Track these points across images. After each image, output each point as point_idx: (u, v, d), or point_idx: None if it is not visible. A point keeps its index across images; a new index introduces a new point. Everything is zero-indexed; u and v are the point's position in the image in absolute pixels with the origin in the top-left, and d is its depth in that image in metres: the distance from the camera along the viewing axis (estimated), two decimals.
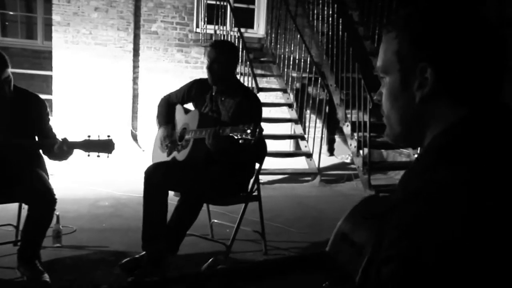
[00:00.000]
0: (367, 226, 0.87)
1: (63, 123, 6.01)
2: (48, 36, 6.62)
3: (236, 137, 2.20)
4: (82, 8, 6.08)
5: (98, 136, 2.36)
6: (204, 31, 6.39)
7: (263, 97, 6.54)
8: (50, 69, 6.16)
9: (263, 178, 5.10)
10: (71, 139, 2.36)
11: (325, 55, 5.99)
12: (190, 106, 2.85)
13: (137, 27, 6.33)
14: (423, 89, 0.69)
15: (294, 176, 5.39)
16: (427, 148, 0.67)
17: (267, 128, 6.07)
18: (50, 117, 2.57)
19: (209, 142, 2.36)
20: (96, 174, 5.12)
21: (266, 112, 6.11)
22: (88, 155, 2.36)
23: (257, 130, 2.14)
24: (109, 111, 6.27)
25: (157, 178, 2.50)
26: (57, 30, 6.03)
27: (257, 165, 2.75)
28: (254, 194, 2.75)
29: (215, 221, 3.28)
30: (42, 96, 2.66)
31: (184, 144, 2.63)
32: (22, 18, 7.41)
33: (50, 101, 6.39)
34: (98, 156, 2.35)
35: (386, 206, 0.60)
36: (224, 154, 2.45)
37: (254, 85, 5.18)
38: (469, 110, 0.67)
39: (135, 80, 6.42)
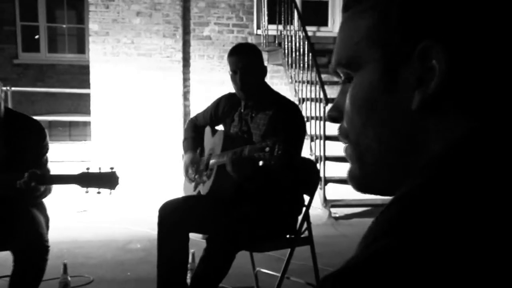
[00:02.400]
0: None
1: (103, 149, 6.16)
2: None
3: (256, 158, 2.18)
4: (122, 13, 6.27)
5: (99, 169, 2.34)
6: (266, 33, 6.38)
7: None
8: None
9: (338, 212, 4.91)
10: (108, 167, 2.35)
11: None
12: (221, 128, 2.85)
13: (186, 32, 6.45)
14: (425, 87, 0.52)
15: (378, 209, 5.08)
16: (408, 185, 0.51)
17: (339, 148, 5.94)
18: (48, 148, 2.52)
19: (230, 168, 2.33)
20: (136, 209, 5.13)
21: None
22: (87, 192, 2.29)
23: (278, 146, 2.08)
24: (157, 133, 6.40)
25: (173, 218, 2.46)
26: (95, 41, 6.25)
27: (306, 198, 2.65)
28: (303, 236, 2.65)
29: (261, 270, 3.11)
30: (81, 118, 2.64)
31: (209, 173, 2.63)
32: (72, 31, 7.86)
33: (88, 123, 6.60)
34: (99, 192, 2.29)
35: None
36: (252, 182, 2.42)
37: (322, 95, 4.96)
38: (482, 123, 0.51)
39: (186, 95, 6.53)
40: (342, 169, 5.42)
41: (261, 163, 2.23)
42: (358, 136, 0.57)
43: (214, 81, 6.46)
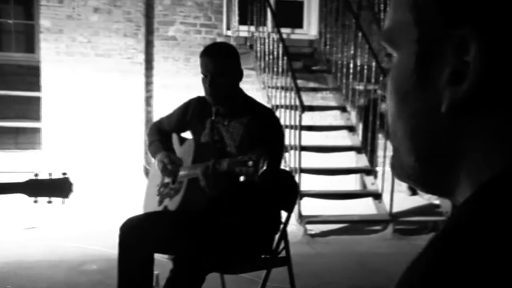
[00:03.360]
0: None
1: (56, 158, 5.98)
2: None
3: (237, 173, 2.14)
4: (78, 9, 6.15)
5: (50, 175, 2.20)
6: (237, 34, 6.35)
7: (318, 118, 6.45)
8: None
9: (314, 229, 4.88)
10: (59, 173, 2.23)
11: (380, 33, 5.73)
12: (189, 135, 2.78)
13: (149, 31, 6.39)
14: (457, 86, 0.49)
15: (356, 226, 5.32)
16: (462, 207, 0.50)
17: (322, 160, 6.01)
18: None
19: (204, 182, 2.29)
20: (92, 225, 4.97)
21: (322, 138, 5.94)
22: (35, 201, 2.17)
23: (263, 161, 2.06)
24: (116, 141, 6.30)
25: (136, 237, 2.39)
26: (47, 39, 6.11)
27: (284, 214, 2.63)
28: (281, 255, 2.62)
29: None
30: (30, 124, 2.52)
31: (177, 187, 2.57)
32: (19, 27, 7.61)
33: (38, 130, 6.41)
34: (50, 202, 2.18)
35: None
36: (229, 198, 2.39)
37: (298, 103, 4.95)
38: None
39: (148, 100, 6.47)
40: (318, 183, 5.45)
41: (242, 178, 2.19)
42: (392, 124, 0.56)
43: (180, 86, 6.41)
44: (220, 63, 2.45)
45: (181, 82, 6.41)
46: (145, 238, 2.36)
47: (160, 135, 2.76)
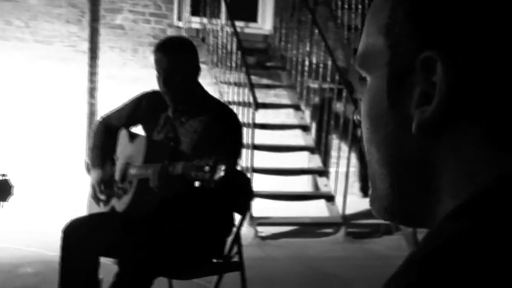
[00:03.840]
0: None
1: None
2: None
3: (192, 177, 2.12)
4: None
5: None
6: (188, 26, 6.32)
7: (271, 116, 6.48)
8: None
9: (264, 231, 4.91)
10: None
11: (353, 58, 5.94)
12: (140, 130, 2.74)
13: (94, 19, 6.26)
14: (426, 106, 0.52)
15: (308, 228, 5.35)
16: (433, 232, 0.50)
17: (274, 159, 6.04)
18: None
19: (155, 184, 2.27)
20: (29, 225, 4.82)
21: (275, 137, 5.98)
22: None
23: (220, 167, 2.04)
24: (56, 135, 6.13)
25: (80, 240, 2.36)
26: None
27: (238, 217, 2.64)
28: (233, 260, 2.65)
29: None
30: None
31: (126, 186, 2.54)
32: None
33: None
34: None
35: None
36: (181, 202, 2.39)
37: (251, 99, 4.95)
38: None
39: (92, 92, 6.33)
40: (270, 183, 5.47)
41: (197, 183, 2.16)
42: (367, 151, 0.57)
43: (127, 78, 6.31)
44: (175, 60, 2.43)
45: (128, 74, 6.32)
46: (90, 241, 2.32)
47: (105, 138, 2.70)
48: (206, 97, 2.59)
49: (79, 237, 2.32)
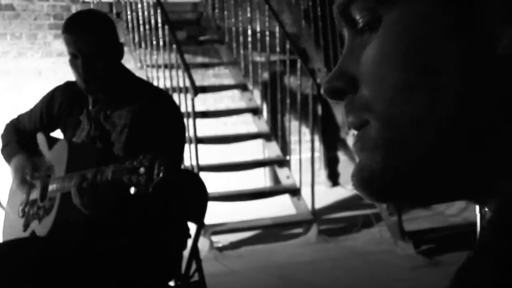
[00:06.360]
0: None
1: None
2: None
3: (125, 183, 2.10)
4: None
5: None
6: None
7: (211, 101, 6.48)
8: None
9: (221, 240, 5.01)
10: None
11: (304, 21, 5.96)
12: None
13: None
14: None
15: (272, 231, 5.38)
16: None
17: (222, 153, 6.05)
18: None
19: (78, 201, 2.23)
20: None
21: (220, 126, 5.97)
22: None
23: (157, 166, 2.04)
24: None
25: None
26: None
27: (193, 227, 2.66)
28: (193, 280, 2.67)
29: None
30: None
31: (48, 205, 2.52)
32: None
33: None
34: None
35: None
36: (116, 215, 2.37)
37: (188, 83, 4.96)
38: None
39: None
40: (220, 181, 5.47)
41: (132, 190, 2.14)
42: (395, 105, 0.51)
43: (26, 71, 6.28)
44: (93, 38, 2.41)
45: (27, 66, 6.29)
46: (6, 274, 2.30)
47: (18, 136, 2.72)
48: (133, 80, 2.59)
49: None
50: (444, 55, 0.49)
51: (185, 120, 5.03)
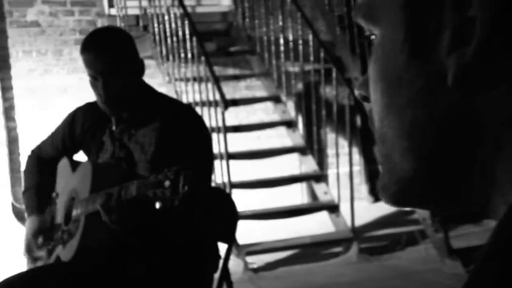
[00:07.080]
0: None
1: None
2: None
3: (150, 198, 2.14)
4: None
5: None
6: (125, 12, 6.32)
7: (244, 115, 6.50)
8: None
9: (256, 261, 5.05)
10: None
11: (338, 27, 5.96)
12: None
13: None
14: (460, 50, 0.52)
15: (311, 250, 5.38)
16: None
17: (256, 169, 6.05)
18: None
19: (107, 218, 2.27)
20: None
21: (253, 141, 5.98)
22: None
23: (182, 179, 2.06)
24: None
25: None
26: None
27: (223, 247, 2.67)
28: None
29: None
30: None
31: (72, 228, 2.55)
32: None
33: None
34: None
35: None
36: (143, 235, 2.40)
37: (218, 97, 5.00)
38: None
39: (8, 112, 6.35)
40: (253, 199, 5.47)
41: (158, 204, 2.15)
42: (380, 126, 0.58)
43: (52, 89, 6.35)
44: (111, 57, 2.45)
45: (53, 84, 6.36)
46: None
47: (40, 174, 2.76)
48: (156, 97, 2.63)
49: None
50: (406, 82, 0.55)
51: (215, 135, 5.14)
